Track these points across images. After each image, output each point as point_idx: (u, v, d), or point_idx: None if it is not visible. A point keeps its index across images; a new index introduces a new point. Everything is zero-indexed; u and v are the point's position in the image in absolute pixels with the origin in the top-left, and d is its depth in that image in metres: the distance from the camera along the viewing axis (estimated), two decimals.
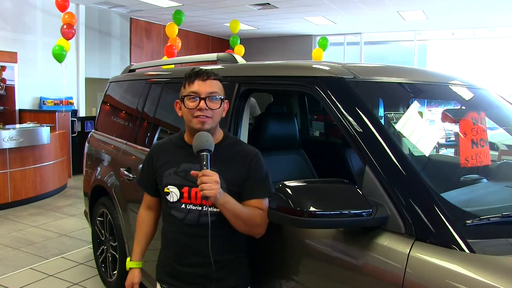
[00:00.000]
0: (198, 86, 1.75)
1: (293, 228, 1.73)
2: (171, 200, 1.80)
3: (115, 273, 3.40)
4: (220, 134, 1.86)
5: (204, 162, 1.60)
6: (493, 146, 2.36)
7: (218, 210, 1.69)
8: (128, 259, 2.06)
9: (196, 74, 1.77)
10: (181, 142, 1.88)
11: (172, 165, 1.82)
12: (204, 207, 1.75)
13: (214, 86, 1.77)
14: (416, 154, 1.82)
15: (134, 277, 2.01)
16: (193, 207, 1.77)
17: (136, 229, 2.08)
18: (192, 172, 1.64)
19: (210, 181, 1.57)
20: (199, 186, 1.57)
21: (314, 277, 1.70)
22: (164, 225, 1.91)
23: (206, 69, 1.80)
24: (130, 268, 2.03)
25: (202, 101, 1.73)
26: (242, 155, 1.82)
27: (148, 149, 2.17)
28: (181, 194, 1.78)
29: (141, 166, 2.05)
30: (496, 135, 2.39)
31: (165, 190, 1.81)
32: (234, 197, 1.70)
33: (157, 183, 1.91)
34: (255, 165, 1.80)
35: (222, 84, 1.86)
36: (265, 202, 1.76)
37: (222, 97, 1.79)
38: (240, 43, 10.18)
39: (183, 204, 1.79)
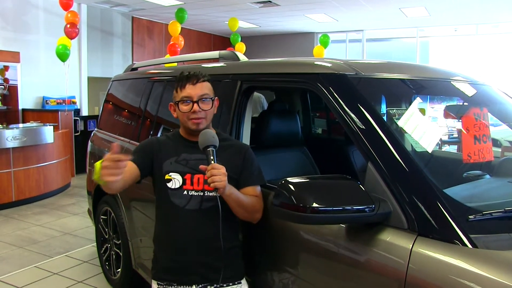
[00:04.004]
0: (189, 89, 1.85)
1: (296, 224, 1.74)
2: (172, 187, 1.86)
3: (119, 271, 3.41)
4: (213, 130, 1.93)
5: (212, 157, 1.70)
6: (496, 143, 2.36)
7: (218, 195, 1.74)
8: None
9: (187, 78, 1.87)
10: (177, 137, 1.98)
11: (172, 155, 1.91)
12: (206, 192, 1.84)
13: (204, 88, 1.88)
14: (418, 150, 1.82)
15: None
16: (195, 193, 1.85)
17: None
18: (201, 166, 1.71)
19: (220, 174, 1.66)
20: (209, 179, 1.65)
21: (317, 273, 1.71)
22: (161, 217, 1.94)
23: (195, 72, 1.90)
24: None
25: (195, 104, 1.85)
26: (236, 148, 1.96)
27: None
28: (184, 180, 1.85)
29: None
30: (499, 131, 2.39)
31: (167, 177, 1.87)
32: (233, 184, 1.79)
33: (150, 166, 1.92)
34: (249, 156, 1.94)
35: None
36: (258, 189, 1.91)
37: (212, 98, 1.91)
38: (241, 41, 10.18)
39: (185, 191, 1.85)
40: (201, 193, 1.84)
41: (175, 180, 1.86)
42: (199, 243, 1.84)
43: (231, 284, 1.87)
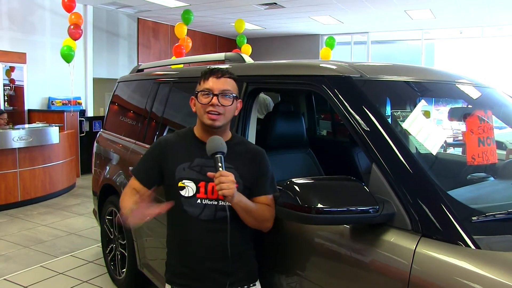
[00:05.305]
0: (212, 83, 1.80)
1: (300, 224, 1.75)
2: (186, 195, 1.80)
3: (124, 271, 3.43)
4: (229, 133, 1.91)
5: (220, 164, 1.65)
6: (500, 145, 2.36)
7: (227, 203, 1.74)
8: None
9: (211, 72, 1.83)
10: (191, 137, 1.90)
11: (185, 160, 1.83)
12: (220, 201, 1.78)
13: (227, 84, 1.82)
14: (422, 152, 1.83)
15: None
16: (209, 202, 1.79)
17: (124, 197, 1.87)
18: (209, 173, 1.67)
19: (228, 181, 1.62)
20: (217, 186, 1.62)
21: (321, 273, 1.72)
22: (173, 223, 1.89)
23: (221, 68, 1.86)
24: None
25: (215, 97, 1.78)
26: (251, 153, 1.89)
27: None
28: (198, 188, 1.79)
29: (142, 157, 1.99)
30: (504, 134, 2.40)
31: (180, 184, 1.81)
32: (246, 192, 1.77)
33: (159, 176, 1.87)
34: (264, 163, 1.88)
35: None
36: (271, 198, 1.85)
37: (235, 95, 1.84)
38: (247, 43, 10.20)
39: (199, 199, 1.79)
40: (215, 202, 1.78)
41: (188, 188, 1.80)
42: (212, 251, 1.80)
43: (245, 287, 1.84)
